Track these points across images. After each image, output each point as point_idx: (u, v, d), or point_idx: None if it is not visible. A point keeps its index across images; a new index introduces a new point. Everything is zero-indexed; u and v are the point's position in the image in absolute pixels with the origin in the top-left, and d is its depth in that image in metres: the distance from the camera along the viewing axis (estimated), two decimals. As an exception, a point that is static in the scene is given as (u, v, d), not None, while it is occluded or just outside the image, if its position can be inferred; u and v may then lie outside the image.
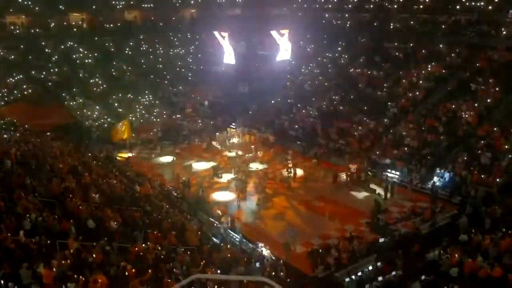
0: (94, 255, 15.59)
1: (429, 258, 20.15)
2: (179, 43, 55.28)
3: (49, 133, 35.15)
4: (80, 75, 46.97)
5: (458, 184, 28.63)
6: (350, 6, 51.19)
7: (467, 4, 41.17)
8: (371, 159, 33.95)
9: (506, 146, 29.56)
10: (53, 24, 48.19)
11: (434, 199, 27.94)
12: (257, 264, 19.00)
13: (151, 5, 54.67)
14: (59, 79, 45.25)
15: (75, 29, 49.57)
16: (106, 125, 42.01)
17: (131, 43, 52.52)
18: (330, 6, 53.20)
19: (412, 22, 44.79)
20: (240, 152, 38.05)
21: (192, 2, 57.23)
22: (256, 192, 30.13)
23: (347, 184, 31.49)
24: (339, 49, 49.78)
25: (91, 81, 46.72)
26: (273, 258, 20.70)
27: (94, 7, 51.10)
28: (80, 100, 43.81)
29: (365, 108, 40.17)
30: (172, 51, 54.33)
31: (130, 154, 37.25)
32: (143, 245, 17.59)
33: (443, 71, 39.33)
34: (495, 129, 31.43)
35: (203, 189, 29.78)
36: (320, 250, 22.06)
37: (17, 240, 15.17)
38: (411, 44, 43.85)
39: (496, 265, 17.55)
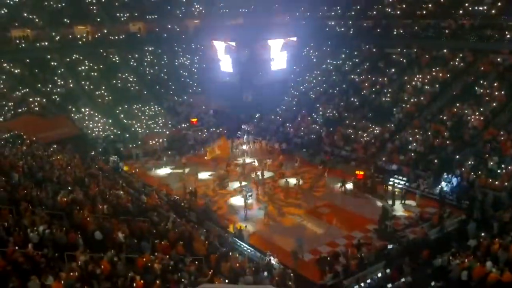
0: (102, 267, 15.59)
1: (438, 264, 20.01)
2: (183, 54, 55.53)
3: (55, 145, 35.28)
4: (86, 87, 47.22)
5: (465, 189, 28.49)
6: (353, 13, 51.34)
7: (470, 8, 41.21)
8: (377, 165, 33.86)
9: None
10: (58, 37, 48.54)
11: (442, 204, 27.82)
12: (265, 273, 18.91)
13: (155, 16, 55.02)
14: (64, 92, 45.55)
15: (80, 42, 49.91)
16: (112, 136, 42.22)
17: (135, 55, 52.81)
18: (333, 13, 53.39)
19: (415, 28, 44.82)
20: (247, 161, 38.02)
21: (195, 13, 57.58)
22: (264, 200, 30.17)
23: (353, 191, 31.41)
24: (343, 56, 49.84)
25: (97, 93, 46.98)
26: (281, 266, 20.61)
27: (98, 19, 51.50)
28: (86, 112, 44.03)
29: (370, 114, 40.20)
30: (176, 61, 54.57)
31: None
32: (151, 255, 17.57)
33: (447, 75, 39.27)
34: (501, 132, 31.33)
35: (210, 198, 29.90)
36: (329, 258, 21.94)
37: (25, 253, 15.19)
38: (414, 50, 43.80)
39: (505, 270, 17.40)
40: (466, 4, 41.70)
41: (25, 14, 47.78)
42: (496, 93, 34.77)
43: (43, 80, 45.75)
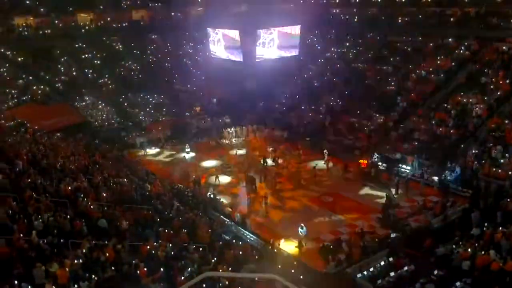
0: (106, 254, 15.68)
1: (441, 253, 20.05)
2: (186, 42, 55.32)
3: (59, 134, 35.38)
4: (89, 75, 47.18)
5: (469, 178, 28.44)
6: (357, 0, 51.03)
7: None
8: (381, 154, 33.81)
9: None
10: (61, 25, 48.43)
11: (445, 193, 27.80)
12: (268, 261, 19.01)
13: (158, 4, 54.80)
14: (68, 80, 45.52)
15: (83, 30, 49.79)
16: (116, 124, 42.23)
17: (139, 42, 52.64)
18: (337, 1, 53.08)
19: (420, 16, 44.52)
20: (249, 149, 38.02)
21: (199, 0, 57.28)
22: (267, 189, 30.19)
23: (357, 180, 31.38)
24: (347, 44, 49.58)
25: (100, 81, 46.93)
26: (284, 254, 20.68)
27: (101, 7, 51.33)
28: (89, 100, 44.02)
29: (374, 103, 40.04)
30: (180, 49, 54.40)
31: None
32: (155, 243, 17.66)
33: (452, 64, 39.04)
34: (505, 121, 31.17)
35: (213, 186, 29.98)
36: (331, 246, 22.04)
37: (29, 240, 15.28)
38: (419, 38, 43.47)
39: (508, 259, 17.43)
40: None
41: (28, 2, 47.69)
42: (501, 82, 34.53)
43: (46, 68, 45.71)
